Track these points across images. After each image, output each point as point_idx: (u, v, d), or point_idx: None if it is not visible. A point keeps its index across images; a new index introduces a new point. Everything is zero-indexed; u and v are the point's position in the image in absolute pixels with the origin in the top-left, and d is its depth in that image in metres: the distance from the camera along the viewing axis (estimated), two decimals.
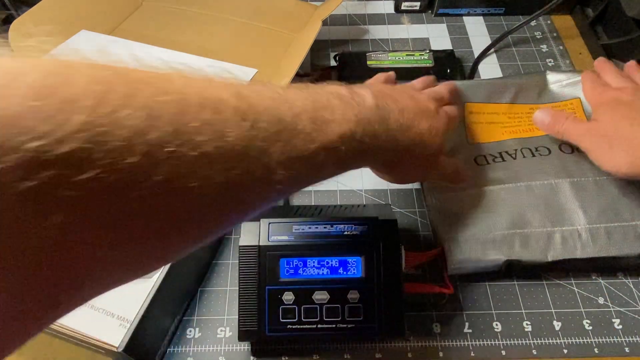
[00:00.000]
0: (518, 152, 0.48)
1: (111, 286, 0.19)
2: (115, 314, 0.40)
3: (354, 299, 0.37)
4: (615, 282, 0.44)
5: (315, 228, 0.38)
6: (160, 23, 0.60)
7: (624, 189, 0.44)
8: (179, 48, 0.48)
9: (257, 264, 0.37)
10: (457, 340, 0.41)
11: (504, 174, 0.46)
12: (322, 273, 0.37)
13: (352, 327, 0.37)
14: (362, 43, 0.65)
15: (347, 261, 0.37)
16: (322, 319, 0.36)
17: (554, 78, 0.53)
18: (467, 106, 0.51)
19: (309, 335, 0.37)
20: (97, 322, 0.39)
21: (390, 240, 0.38)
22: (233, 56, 0.56)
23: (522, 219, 0.43)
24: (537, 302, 0.43)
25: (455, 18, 0.68)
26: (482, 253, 0.42)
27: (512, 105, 0.52)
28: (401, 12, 0.69)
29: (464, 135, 0.50)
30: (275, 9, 0.63)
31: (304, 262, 0.37)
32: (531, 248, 0.42)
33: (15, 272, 0.14)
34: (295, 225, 0.38)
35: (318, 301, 0.37)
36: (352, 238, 0.38)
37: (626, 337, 0.41)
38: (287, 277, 0.37)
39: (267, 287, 0.36)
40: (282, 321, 0.36)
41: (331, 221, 0.38)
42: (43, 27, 0.49)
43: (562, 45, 0.64)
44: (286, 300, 0.36)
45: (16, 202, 0.13)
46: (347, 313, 0.37)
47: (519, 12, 0.67)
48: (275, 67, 0.56)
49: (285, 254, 0.37)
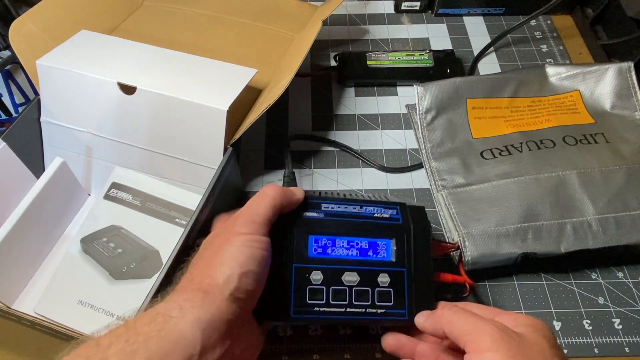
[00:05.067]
0: (523, 145, 0.48)
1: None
2: (115, 314, 0.40)
3: (384, 282, 0.35)
4: (615, 282, 0.44)
5: (345, 208, 0.36)
6: (160, 23, 0.60)
7: (630, 179, 0.44)
8: (179, 48, 0.48)
9: (284, 238, 0.34)
10: None
11: (511, 168, 0.46)
12: (351, 254, 0.35)
13: (382, 312, 0.35)
14: (362, 43, 0.65)
15: (377, 243, 0.36)
16: (352, 302, 0.34)
17: (553, 71, 0.54)
18: (469, 102, 0.51)
19: (337, 319, 0.34)
20: (97, 322, 0.39)
21: (421, 226, 0.37)
22: (233, 56, 0.56)
23: (533, 211, 0.43)
24: (537, 302, 0.43)
25: (455, 18, 0.68)
26: (497, 247, 0.42)
27: (513, 99, 0.52)
28: (401, 12, 0.69)
29: (468, 131, 0.50)
30: (276, 9, 0.63)
31: (333, 242, 0.35)
32: (544, 240, 0.42)
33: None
34: (324, 203, 0.36)
35: (348, 283, 0.34)
36: (382, 221, 0.36)
37: (626, 337, 0.41)
38: (315, 256, 0.35)
39: (294, 265, 0.34)
40: (309, 302, 0.34)
41: (361, 203, 0.37)
42: (43, 27, 0.49)
43: (562, 45, 0.64)
44: (314, 280, 0.34)
45: None
46: (377, 297, 0.35)
47: (519, 12, 0.67)
48: (275, 67, 0.55)
49: (315, 231, 0.35)
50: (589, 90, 0.52)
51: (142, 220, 0.45)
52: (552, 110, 0.51)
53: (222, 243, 0.31)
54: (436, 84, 0.51)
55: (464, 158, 0.48)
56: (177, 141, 0.44)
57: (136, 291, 0.41)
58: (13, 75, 0.56)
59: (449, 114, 0.51)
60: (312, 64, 0.62)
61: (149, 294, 0.34)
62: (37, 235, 0.43)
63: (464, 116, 0.51)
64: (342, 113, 0.57)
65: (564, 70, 0.53)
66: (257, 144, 0.55)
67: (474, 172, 0.47)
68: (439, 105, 0.51)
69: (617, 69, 0.52)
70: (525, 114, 0.51)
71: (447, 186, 0.47)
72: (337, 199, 0.37)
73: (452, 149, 0.49)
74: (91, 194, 0.49)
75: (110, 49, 0.47)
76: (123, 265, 0.42)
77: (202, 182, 0.43)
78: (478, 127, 0.51)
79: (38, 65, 0.44)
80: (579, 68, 0.53)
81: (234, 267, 0.29)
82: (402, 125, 0.56)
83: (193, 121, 0.42)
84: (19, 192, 0.42)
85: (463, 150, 0.49)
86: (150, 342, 0.26)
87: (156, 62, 0.46)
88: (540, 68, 0.54)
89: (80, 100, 0.45)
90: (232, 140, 0.43)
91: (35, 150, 0.48)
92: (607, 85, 0.52)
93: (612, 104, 0.51)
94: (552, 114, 0.51)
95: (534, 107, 0.51)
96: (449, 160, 0.48)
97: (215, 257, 0.30)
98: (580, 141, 0.47)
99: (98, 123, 0.45)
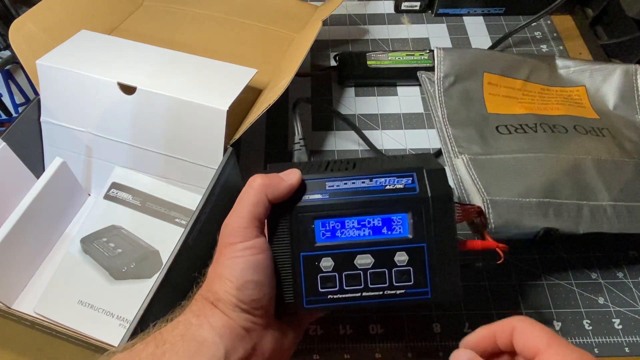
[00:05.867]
0: (538, 127, 0.48)
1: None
2: (115, 314, 0.40)
3: (402, 261, 0.32)
4: (615, 282, 0.44)
5: (352, 183, 0.33)
6: (160, 23, 0.60)
7: (639, 172, 0.44)
8: (179, 48, 0.48)
9: (288, 228, 0.32)
10: (457, 340, 0.41)
11: (527, 145, 0.46)
12: (363, 234, 0.33)
13: (402, 292, 0.32)
14: (362, 43, 0.65)
15: (391, 219, 0.33)
16: (367, 285, 0.32)
17: (562, 63, 0.54)
18: (486, 76, 0.51)
19: (353, 305, 0.33)
20: (97, 322, 0.40)
21: (441, 193, 0.33)
22: (233, 56, 0.56)
23: (553, 188, 0.42)
24: (537, 302, 0.43)
25: (455, 18, 0.68)
26: (519, 218, 0.41)
27: (526, 82, 0.52)
28: (401, 12, 0.69)
29: (483, 105, 0.50)
30: (276, 9, 0.63)
31: (342, 223, 0.33)
32: (564, 219, 0.41)
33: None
34: (328, 182, 0.33)
35: (361, 266, 0.32)
36: (396, 193, 0.33)
37: (626, 337, 0.41)
38: (324, 241, 0.32)
39: (302, 254, 0.32)
40: (321, 291, 0.32)
41: (370, 174, 0.33)
42: (43, 27, 0.49)
43: (562, 46, 0.64)
44: (324, 267, 0.32)
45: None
46: (395, 278, 0.32)
47: (519, 12, 0.68)
48: (275, 67, 0.55)
49: (320, 215, 0.32)
50: (595, 88, 0.53)
51: (142, 220, 0.45)
52: (561, 101, 0.52)
53: (218, 256, 0.30)
54: (456, 50, 0.51)
55: (479, 129, 0.47)
56: (177, 141, 0.44)
57: (136, 291, 0.41)
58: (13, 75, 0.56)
59: (465, 83, 0.51)
60: (312, 64, 0.62)
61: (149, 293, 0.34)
62: (37, 235, 0.43)
63: (479, 89, 0.51)
64: (342, 113, 0.57)
65: (572, 64, 0.54)
66: (257, 144, 0.55)
67: (490, 144, 0.46)
68: (457, 73, 0.51)
69: (624, 70, 0.52)
70: (536, 99, 0.51)
71: (466, 153, 0.45)
72: (342, 175, 0.33)
73: (468, 119, 0.49)
74: (91, 194, 0.49)
75: (110, 49, 0.47)
76: (123, 265, 0.42)
77: (202, 182, 0.43)
78: (493, 102, 0.50)
79: (38, 65, 0.44)
80: (587, 64, 0.53)
81: (231, 282, 0.29)
82: (402, 125, 0.56)
83: (193, 121, 0.42)
84: (19, 192, 0.42)
85: (478, 122, 0.48)
86: (176, 346, 0.27)
87: (156, 62, 0.46)
88: (550, 58, 0.54)
89: (80, 100, 0.45)
90: (232, 140, 0.43)
91: (35, 150, 0.48)
92: (613, 85, 0.52)
93: (615, 104, 0.51)
94: (561, 104, 0.51)
95: (544, 94, 0.52)
96: (466, 129, 0.47)
97: (215, 271, 0.30)
98: (589, 132, 0.47)
99: (98, 123, 0.45)
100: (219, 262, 0.30)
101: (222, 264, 0.29)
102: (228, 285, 0.29)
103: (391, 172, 0.33)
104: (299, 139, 0.46)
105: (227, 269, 0.29)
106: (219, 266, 0.30)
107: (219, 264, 0.30)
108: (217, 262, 0.30)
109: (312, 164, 0.36)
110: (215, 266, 0.30)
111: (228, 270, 0.29)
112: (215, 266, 0.30)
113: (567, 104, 0.51)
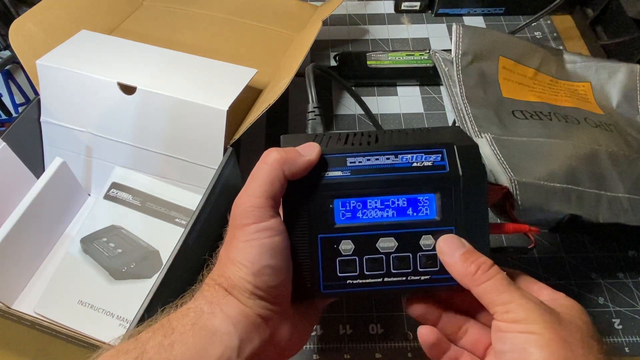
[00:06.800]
0: (552, 115, 0.47)
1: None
2: (115, 314, 0.40)
3: (428, 245, 0.30)
4: (615, 282, 0.44)
5: (376, 160, 0.30)
6: (160, 23, 0.60)
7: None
8: (179, 48, 0.48)
9: (305, 208, 0.30)
10: None
11: (544, 131, 0.45)
12: (386, 216, 0.30)
13: (427, 278, 0.30)
14: (362, 43, 0.65)
15: (417, 200, 0.30)
16: (390, 271, 0.30)
17: (569, 58, 0.54)
18: (501, 60, 0.51)
19: (374, 291, 0.30)
20: (97, 322, 0.40)
21: (473, 172, 0.30)
22: (233, 56, 0.56)
23: (575, 175, 0.42)
24: None
25: (455, 18, 0.68)
26: (546, 202, 0.39)
27: (537, 72, 0.52)
28: (401, 12, 0.69)
29: (498, 88, 0.50)
30: (276, 9, 0.63)
31: (364, 203, 0.30)
32: (585, 206, 0.40)
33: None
34: (350, 157, 0.30)
35: (383, 250, 0.30)
36: (424, 171, 0.30)
37: (626, 337, 0.41)
38: (343, 223, 0.30)
39: (320, 236, 0.30)
40: (340, 275, 0.30)
41: (395, 150, 0.31)
42: (43, 27, 0.49)
43: (562, 46, 0.64)
44: (344, 250, 0.30)
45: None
46: (419, 263, 0.30)
47: (519, 12, 0.68)
48: (275, 67, 0.55)
49: (340, 194, 0.30)
50: (600, 85, 0.53)
51: (142, 220, 0.45)
52: (569, 94, 0.52)
53: (230, 238, 0.28)
54: (476, 29, 0.50)
55: (497, 111, 0.46)
56: (177, 141, 0.44)
57: (136, 291, 0.41)
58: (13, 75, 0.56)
59: (482, 64, 0.50)
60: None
61: (149, 293, 0.34)
62: (37, 235, 0.43)
63: (495, 72, 0.50)
64: (342, 113, 0.57)
65: (579, 59, 0.54)
66: (257, 144, 0.55)
67: (508, 128, 0.45)
68: (475, 52, 0.50)
69: (629, 69, 0.52)
70: (546, 89, 0.51)
71: (488, 132, 0.44)
72: (365, 150, 0.31)
73: (485, 100, 0.48)
74: (91, 194, 0.49)
75: (110, 49, 0.47)
76: (123, 265, 0.42)
77: (202, 182, 0.43)
78: (507, 87, 0.50)
79: (38, 65, 0.44)
80: (593, 61, 0.53)
81: (246, 267, 0.26)
82: (402, 125, 0.56)
83: (193, 121, 0.42)
84: (19, 192, 0.42)
85: (495, 104, 0.48)
86: (186, 336, 0.25)
87: (156, 62, 0.46)
88: (558, 51, 0.54)
89: (80, 100, 0.45)
90: (232, 140, 0.43)
91: (35, 150, 0.48)
92: (617, 84, 0.52)
93: (618, 103, 0.52)
94: (569, 97, 0.51)
95: (553, 86, 0.52)
96: (484, 110, 0.46)
97: (228, 254, 0.28)
98: (598, 126, 0.47)
99: (98, 123, 0.45)
100: (231, 245, 0.27)
101: (235, 247, 0.27)
102: (243, 270, 0.26)
103: (419, 147, 0.31)
104: (314, 107, 0.42)
105: (241, 252, 0.27)
106: (232, 250, 0.27)
107: (232, 247, 0.27)
108: (230, 244, 0.27)
109: (330, 136, 0.33)
110: (227, 249, 0.28)
111: (242, 255, 0.27)
112: (227, 249, 0.28)
113: (574, 98, 0.51)
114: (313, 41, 0.48)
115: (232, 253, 0.27)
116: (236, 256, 0.27)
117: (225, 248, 0.28)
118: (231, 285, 0.27)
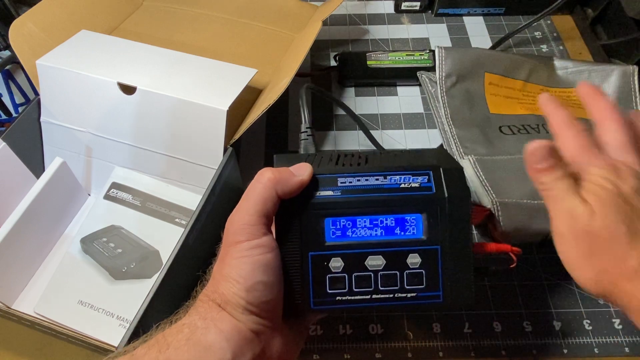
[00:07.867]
0: (540, 127, 0.47)
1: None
2: (115, 314, 0.40)
3: (415, 264, 0.31)
4: None
5: (366, 180, 0.32)
6: (160, 23, 0.60)
7: None
8: (178, 48, 0.48)
9: (296, 226, 0.31)
10: (457, 340, 0.41)
11: None
12: (375, 234, 0.32)
13: (413, 296, 0.31)
14: (362, 43, 0.65)
15: (405, 219, 0.32)
16: (377, 288, 0.31)
17: (560, 64, 0.54)
18: (487, 77, 0.51)
19: (362, 307, 0.32)
20: (97, 322, 0.40)
21: (458, 194, 0.31)
22: (233, 56, 0.56)
23: None
24: (537, 302, 0.43)
25: (455, 18, 0.68)
26: (529, 221, 0.40)
27: (526, 83, 0.52)
28: (401, 12, 0.69)
29: (485, 105, 0.50)
30: (276, 9, 0.63)
31: (353, 222, 0.31)
32: None
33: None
34: (340, 178, 0.32)
35: (372, 267, 0.31)
36: (411, 192, 0.32)
37: (626, 337, 0.41)
38: (334, 241, 0.31)
39: (311, 253, 0.31)
40: (329, 292, 0.31)
41: (384, 171, 0.32)
42: (43, 27, 0.49)
43: (562, 46, 0.64)
44: (333, 267, 0.31)
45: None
46: (406, 281, 0.31)
47: (519, 12, 0.68)
48: (275, 67, 0.55)
49: (331, 213, 0.31)
50: None
51: (142, 220, 0.45)
52: (561, 102, 0.52)
53: (224, 255, 0.29)
54: (458, 50, 0.51)
55: (483, 130, 0.47)
56: (177, 141, 0.44)
57: (136, 291, 0.41)
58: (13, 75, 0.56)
59: (467, 83, 0.50)
60: (312, 64, 0.62)
61: (149, 293, 0.34)
62: (37, 235, 0.43)
63: (481, 89, 0.50)
64: (342, 113, 0.57)
65: (570, 65, 0.54)
66: (257, 144, 0.55)
67: (495, 145, 0.46)
68: (459, 73, 0.50)
69: (622, 71, 0.52)
70: (536, 99, 0.51)
71: (471, 153, 0.45)
72: (355, 170, 0.32)
73: (470, 119, 0.48)
74: (91, 194, 0.49)
75: (110, 49, 0.47)
76: (123, 265, 0.42)
77: (202, 182, 0.43)
78: (494, 103, 0.50)
79: (38, 65, 0.44)
80: (585, 65, 0.53)
81: (239, 283, 0.27)
82: (402, 125, 0.56)
83: (193, 121, 0.42)
84: (19, 192, 0.42)
85: (481, 123, 0.48)
86: (180, 351, 0.26)
87: (156, 62, 0.46)
88: (549, 59, 0.54)
89: (80, 100, 0.45)
90: (232, 140, 0.43)
91: (35, 150, 0.48)
92: (611, 86, 0.52)
93: None
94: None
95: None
96: (470, 130, 0.47)
97: (221, 271, 0.28)
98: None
99: (98, 123, 0.45)
100: (225, 261, 0.28)
101: (228, 264, 0.28)
102: (236, 287, 0.27)
103: (406, 169, 0.32)
104: (306, 127, 0.44)
105: (234, 269, 0.28)
106: (225, 266, 0.28)
107: (225, 263, 0.28)
108: (223, 261, 0.28)
109: (322, 157, 0.34)
110: (221, 266, 0.29)
111: (235, 271, 0.28)
112: (221, 266, 0.29)
113: (567, 104, 0.51)
114: (313, 41, 0.48)
115: (226, 269, 0.28)
116: (229, 272, 0.28)
117: (219, 265, 0.29)
118: (224, 301, 0.28)
